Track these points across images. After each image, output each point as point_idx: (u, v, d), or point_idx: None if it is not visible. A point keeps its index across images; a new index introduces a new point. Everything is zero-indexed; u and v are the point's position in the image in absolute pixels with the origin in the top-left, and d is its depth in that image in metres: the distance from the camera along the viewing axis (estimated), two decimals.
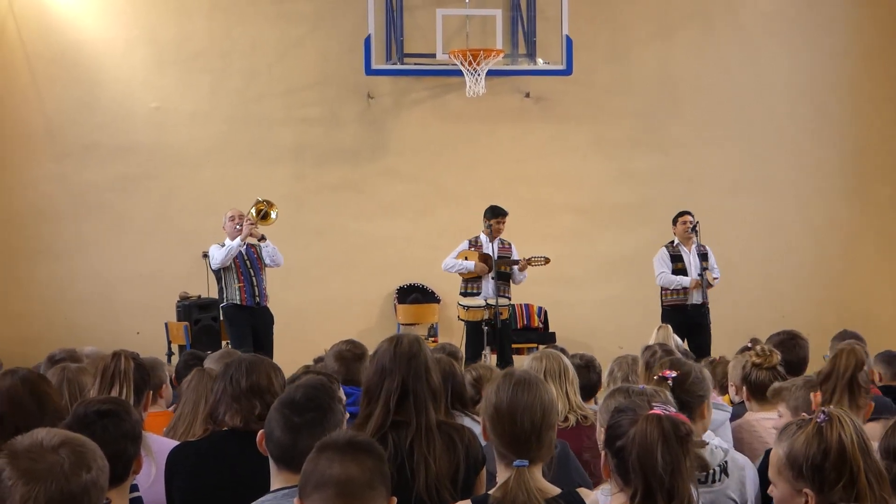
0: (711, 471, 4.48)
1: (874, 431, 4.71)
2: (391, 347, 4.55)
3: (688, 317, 12.38)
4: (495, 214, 12.59)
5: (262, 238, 11.92)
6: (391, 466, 3.46)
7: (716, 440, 4.63)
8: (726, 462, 4.54)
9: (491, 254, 12.51)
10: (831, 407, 3.61)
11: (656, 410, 3.41)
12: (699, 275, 12.58)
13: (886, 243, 15.81)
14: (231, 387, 4.62)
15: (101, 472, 3.08)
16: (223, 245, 11.82)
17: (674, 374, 4.57)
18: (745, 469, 4.66)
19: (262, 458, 4.00)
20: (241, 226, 11.79)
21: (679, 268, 12.70)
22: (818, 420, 3.43)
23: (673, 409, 3.48)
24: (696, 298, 12.63)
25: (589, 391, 6.41)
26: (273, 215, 12.19)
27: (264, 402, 4.47)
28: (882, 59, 15.76)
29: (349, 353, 6.26)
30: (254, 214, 12.04)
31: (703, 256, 12.78)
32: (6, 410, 4.39)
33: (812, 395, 5.23)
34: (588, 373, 6.48)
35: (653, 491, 3.32)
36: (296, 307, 13.72)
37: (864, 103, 15.74)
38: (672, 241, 12.86)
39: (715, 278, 12.70)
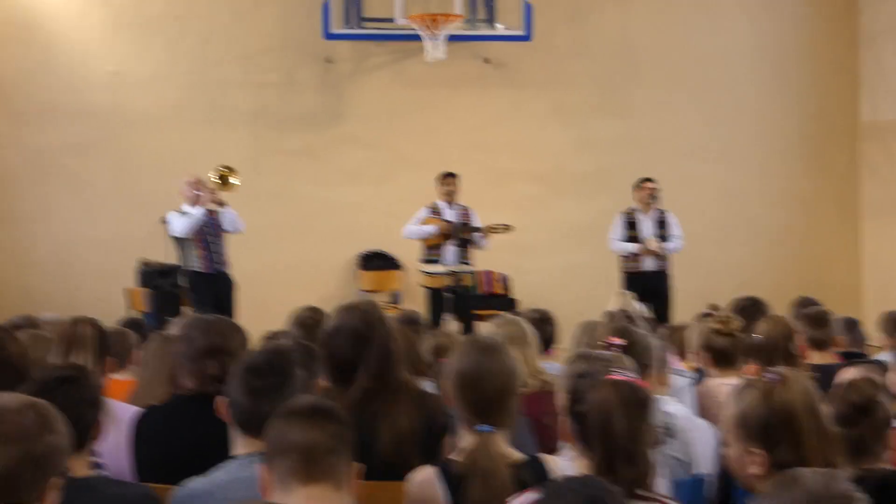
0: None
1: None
2: (359, 313, 4.55)
3: (646, 283, 12.44)
4: (440, 177, 12.79)
5: (222, 204, 11.87)
6: (359, 427, 3.48)
7: (664, 403, 4.67)
8: (671, 424, 4.58)
9: (451, 219, 12.54)
10: (782, 367, 3.64)
11: (615, 376, 3.44)
12: (659, 241, 12.67)
13: (845, 209, 15.89)
14: (188, 347, 4.60)
15: (64, 437, 3.10)
16: (182, 212, 11.75)
17: (620, 342, 4.59)
18: (691, 431, 4.71)
19: (225, 422, 3.99)
20: (201, 192, 11.72)
21: (631, 235, 12.81)
22: (768, 379, 3.45)
23: (632, 375, 3.51)
24: (650, 265, 12.74)
25: (545, 344, 6.48)
26: (235, 181, 12.13)
27: (221, 362, 4.45)
28: (840, 24, 15.79)
29: (310, 320, 6.28)
30: (215, 180, 11.98)
31: (661, 223, 12.86)
32: None
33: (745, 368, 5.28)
34: (543, 325, 6.56)
35: (613, 456, 3.35)
36: (255, 274, 13.65)
37: (821, 69, 15.78)
38: (630, 208, 12.95)
39: (661, 245, 12.72)
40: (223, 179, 12.05)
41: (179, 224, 11.72)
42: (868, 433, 3.82)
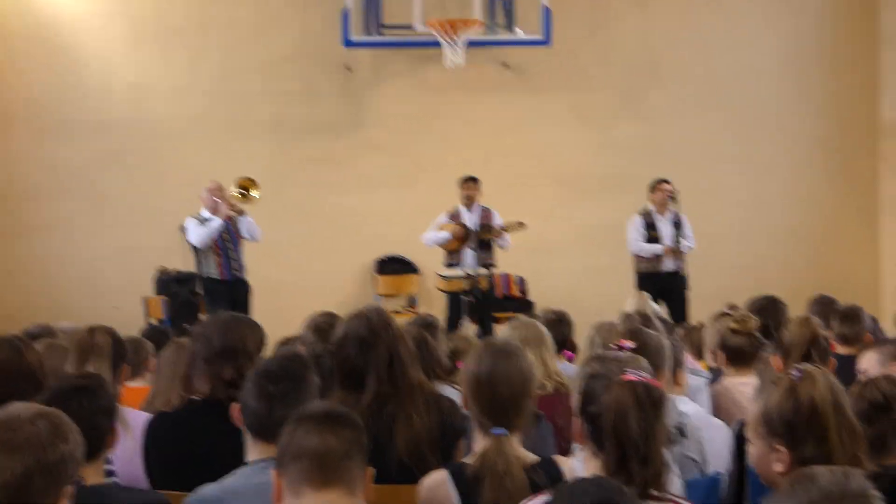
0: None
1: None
2: (363, 320, 4.56)
3: (662, 284, 12.48)
4: (462, 181, 12.83)
5: (241, 212, 11.92)
6: (374, 432, 3.48)
7: (679, 402, 4.67)
8: (684, 424, 4.57)
9: (469, 224, 12.57)
10: (806, 364, 3.63)
11: (630, 376, 3.42)
12: (675, 242, 12.70)
13: (864, 208, 15.82)
14: (204, 348, 4.60)
15: (76, 446, 3.12)
16: (200, 219, 11.77)
17: (631, 344, 4.59)
18: (706, 431, 4.70)
19: (238, 428, 4.00)
20: (220, 199, 11.77)
21: (653, 236, 12.89)
22: (792, 376, 3.44)
23: (646, 375, 3.50)
24: (668, 266, 12.77)
25: (560, 345, 6.48)
26: (255, 195, 12.15)
27: (237, 364, 4.46)
28: (861, 24, 15.73)
29: (326, 325, 6.27)
30: (236, 192, 12.01)
31: (677, 225, 12.90)
32: None
33: (772, 359, 5.27)
34: (560, 326, 6.58)
35: (627, 456, 3.33)
36: (275, 281, 13.69)
37: (841, 72, 15.72)
38: (646, 209, 12.99)
39: (689, 247, 12.79)
40: (244, 191, 12.07)
41: (196, 234, 11.77)
42: (888, 431, 3.79)
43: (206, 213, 11.87)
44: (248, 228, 12.01)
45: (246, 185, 12.12)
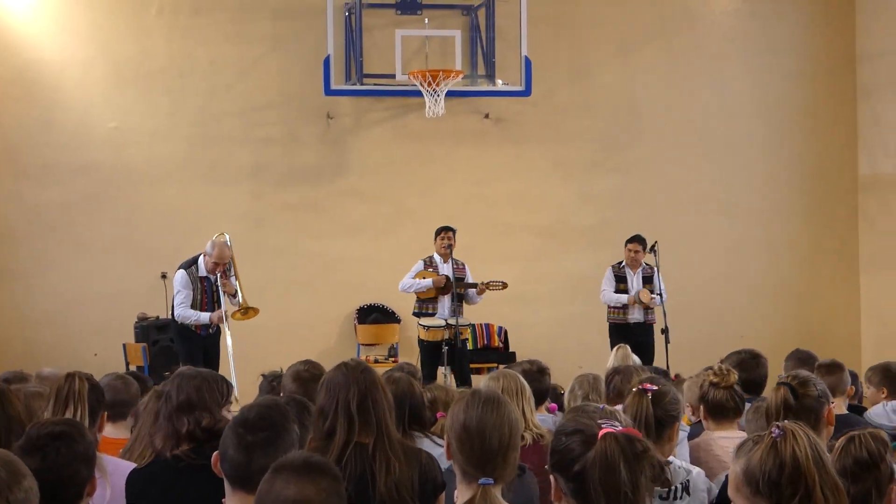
0: (672, 488, 4.51)
1: None
2: (340, 367, 4.58)
3: (631, 334, 12.69)
4: (438, 231, 12.82)
5: (235, 294, 11.86)
6: (353, 478, 3.45)
7: (677, 461, 4.66)
8: (688, 481, 4.56)
9: (447, 274, 12.58)
10: (785, 421, 3.61)
11: (607, 428, 3.39)
12: (635, 293, 12.90)
13: (844, 263, 15.93)
14: (164, 405, 4.62)
15: (31, 493, 3.09)
16: (191, 276, 11.68)
17: (654, 387, 4.60)
18: (706, 491, 4.69)
19: (214, 480, 3.97)
20: (220, 273, 11.71)
21: (622, 288, 13.33)
22: (773, 434, 3.41)
23: (620, 426, 3.46)
24: (636, 317, 13.03)
25: (540, 397, 6.47)
26: (250, 313, 12.04)
27: (193, 418, 4.48)
28: (837, 79, 15.90)
29: (307, 374, 6.26)
30: (239, 302, 11.88)
31: (648, 279, 13.07)
32: None
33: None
34: (541, 377, 6.56)
35: None
36: (255, 327, 13.60)
37: (820, 124, 15.87)
38: (620, 262, 13.20)
39: (652, 297, 12.88)
40: (245, 310, 11.96)
41: (181, 312, 11.68)
42: (871, 488, 3.79)
43: (201, 269, 11.76)
44: (235, 297, 11.97)
45: (248, 312, 12.01)
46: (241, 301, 11.84)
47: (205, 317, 11.67)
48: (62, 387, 5.18)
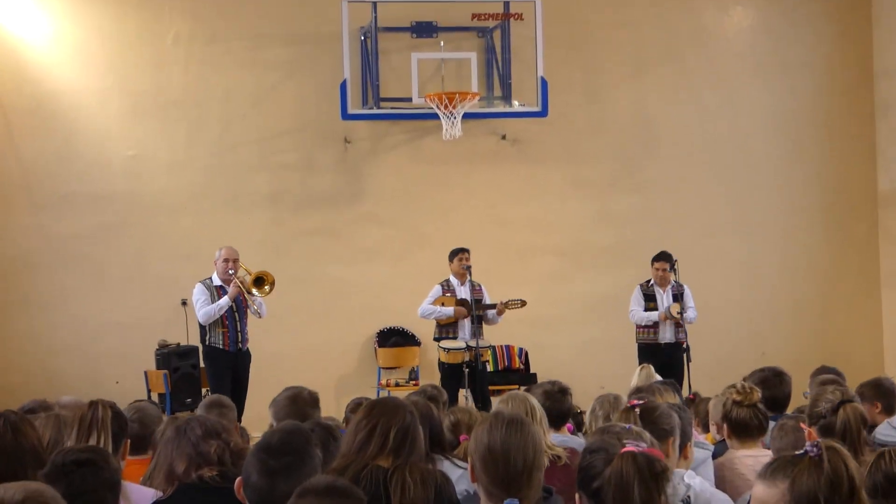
0: None
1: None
2: (389, 398, 4.75)
3: (661, 355, 12.51)
4: (453, 254, 12.85)
5: (251, 293, 11.88)
6: (370, 497, 3.46)
7: (685, 476, 4.63)
8: (689, 497, 4.54)
9: (465, 297, 12.57)
10: (820, 439, 3.57)
11: (630, 448, 3.40)
12: (666, 308, 12.73)
13: (864, 280, 15.87)
14: (190, 431, 4.70)
15: None
16: (208, 287, 11.75)
17: (640, 402, 4.59)
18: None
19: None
20: (234, 270, 11.77)
21: (651, 307, 13.02)
22: (812, 453, 3.34)
23: (645, 446, 3.47)
24: (668, 337, 12.80)
25: (562, 417, 6.46)
26: (267, 288, 12.08)
27: (222, 441, 4.56)
28: (854, 96, 15.87)
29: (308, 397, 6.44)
30: (248, 277, 11.94)
31: (678, 297, 12.91)
32: None
33: (808, 430, 5.21)
34: (563, 397, 6.54)
35: None
36: (275, 354, 13.68)
37: (837, 141, 15.83)
38: (648, 281, 13.04)
39: (680, 313, 12.72)
40: (259, 280, 12.00)
41: (203, 311, 11.77)
42: None
43: (216, 280, 11.85)
44: (257, 305, 12.02)
45: (264, 277, 12.05)
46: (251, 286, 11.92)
47: (224, 300, 11.74)
48: (85, 414, 5.20)
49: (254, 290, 11.93)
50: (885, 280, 15.85)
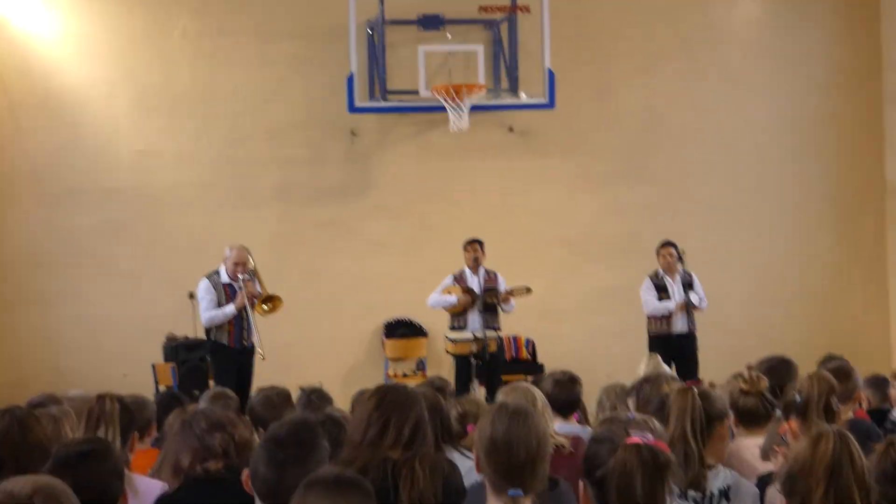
0: (709, 493, 4.51)
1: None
2: (400, 388, 4.78)
3: (673, 346, 12.49)
4: (466, 243, 12.78)
5: (256, 297, 11.77)
6: (379, 489, 3.48)
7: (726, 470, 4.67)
8: (728, 487, 4.56)
9: (475, 287, 12.56)
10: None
11: (635, 438, 3.41)
12: (683, 298, 12.70)
13: (871, 271, 15.85)
14: (195, 424, 4.74)
15: None
16: (213, 283, 11.69)
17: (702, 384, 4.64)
18: (749, 497, 4.68)
19: (247, 497, 3.99)
20: (242, 274, 11.64)
21: (663, 297, 12.87)
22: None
23: (651, 437, 3.48)
24: (680, 327, 12.79)
25: (571, 406, 6.47)
26: (273, 307, 11.91)
27: (227, 433, 4.60)
28: (863, 90, 15.83)
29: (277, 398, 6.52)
30: (258, 291, 11.80)
31: (689, 285, 12.88)
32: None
33: (787, 423, 5.25)
34: (572, 386, 6.56)
35: None
36: (283, 345, 13.67)
37: (846, 132, 15.80)
38: (656, 272, 13.01)
39: (698, 303, 12.71)
40: (268, 301, 11.86)
41: (207, 315, 11.68)
42: None
43: (224, 277, 11.77)
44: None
45: (273, 302, 11.92)
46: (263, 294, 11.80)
47: (230, 308, 11.59)
48: (93, 408, 5.23)
49: (261, 306, 11.78)
50: (893, 269, 15.82)
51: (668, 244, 13.01)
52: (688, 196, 15.44)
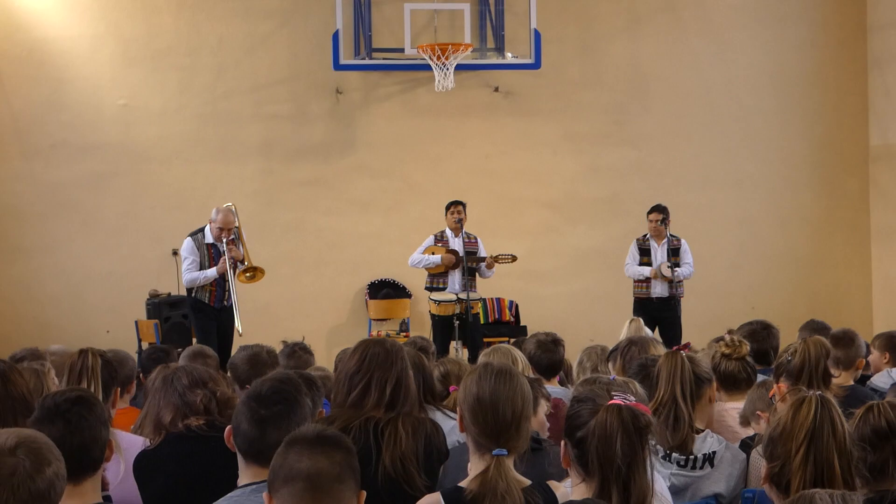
0: (692, 457, 4.53)
1: None
2: (380, 343, 4.74)
3: (654, 309, 12.57)
4: (448, 206, 12.76)
5: (242, 261, 11.72)
6: (361, 448, 3.49)
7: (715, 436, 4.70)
8: (714, 453, 4.58)
9: (457, 249, 12.56)
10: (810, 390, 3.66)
11: (616, 400, 3.42)
12: (657, 266, 12.75)
13: (854, 234, 15.90)
14: (176, 381, 4.77)
15: (59, 463, 3.13)
16: (197, 243, 11.64)
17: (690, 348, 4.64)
18: (737, 464, 4.70)
19: (228, 453, 3.99)
20: (226, 239, 11.58)
21: (645, 261, 12.98)
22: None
23: (633, 400, 3.49)
24: (659, 291, 12.84)
25: (554, 368, 6.50)
26: (254, 276, 11.84)
27: (208, 390, 4.67)
28: (847, 50, 15.83)
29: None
30: (242, 263, 11.73)
31: (675, 251, 12.91)
32: None
33: (777, 385, 5.27)
34: (555, 348, 6.59)
35: (610, 481, 3.34)
36: (266, 303, 13.70)
37: (830, 95, 15.81)
38: (644, 235, 13.04)
39: (675, 271, 12.72)
40: (250, 270, 11.78)
41: (188, 276, 11.63)
42: (889, 457, 3.78)
43: (208, 237, 11.70)
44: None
45: (255, 273, 11.84)
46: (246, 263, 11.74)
47: (211, 272, 11.55)
48: (76, 362, 5.23)
49: (243, 275, 11.72)
50: (875, 235, 15.88)
51: (655, 209, 13.02)
52: (671, 157, 15.44)
